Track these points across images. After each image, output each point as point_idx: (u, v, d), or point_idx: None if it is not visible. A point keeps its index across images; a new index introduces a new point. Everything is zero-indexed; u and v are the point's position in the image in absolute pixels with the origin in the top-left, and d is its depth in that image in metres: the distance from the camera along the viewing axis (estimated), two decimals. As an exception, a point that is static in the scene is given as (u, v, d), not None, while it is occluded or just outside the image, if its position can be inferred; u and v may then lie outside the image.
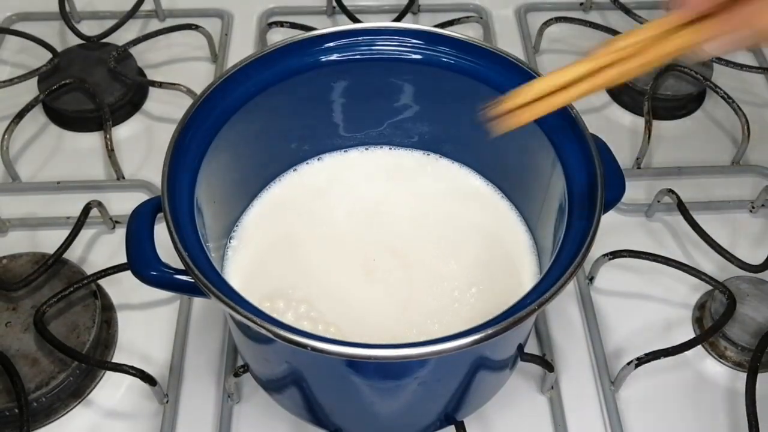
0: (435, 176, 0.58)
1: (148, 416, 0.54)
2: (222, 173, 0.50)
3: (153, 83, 0.73)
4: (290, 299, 0.50)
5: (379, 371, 0.43)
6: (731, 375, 0.57)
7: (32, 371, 0.53)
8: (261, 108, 0.50)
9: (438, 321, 0.49)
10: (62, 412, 0.54)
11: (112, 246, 0.63)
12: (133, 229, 0.45)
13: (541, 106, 0.39)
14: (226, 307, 0.39)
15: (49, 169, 0.69)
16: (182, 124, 0.46)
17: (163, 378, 0.55)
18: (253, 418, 0.54)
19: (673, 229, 0.65)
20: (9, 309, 0.57)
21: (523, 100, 0.39)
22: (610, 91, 0.76)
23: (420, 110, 0.56)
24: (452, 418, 0.50)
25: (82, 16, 0.82)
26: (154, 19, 0.82)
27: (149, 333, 0.58)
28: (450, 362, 0.43)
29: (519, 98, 0.39)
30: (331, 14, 0.83)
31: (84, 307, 0.57)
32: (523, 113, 0.39)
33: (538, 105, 0.39)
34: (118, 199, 0.66)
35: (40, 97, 0.70)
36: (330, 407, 0.49)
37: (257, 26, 0.82)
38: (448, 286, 0.51)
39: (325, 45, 0.51)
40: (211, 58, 0.78)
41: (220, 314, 0.59)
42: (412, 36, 0.51)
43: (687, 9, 0.30)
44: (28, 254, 0.60)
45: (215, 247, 0.50)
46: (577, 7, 0.84)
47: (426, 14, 0.82)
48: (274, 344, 0.40)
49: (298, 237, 0.54)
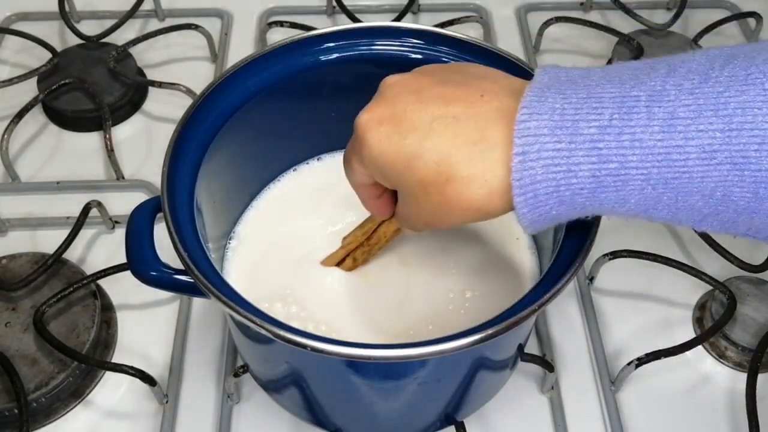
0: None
1: (148, 416, 0.54)
2: (222, 173, 0.50)
3: (153, 83, 0.73)
4: (289, 299, 0.50)
5: (379, 371, 0.43)
6: (731, 375, 0.57)
7: (32, 371, 0.53)
8: (261, 108, 0.50)
9: (437, 321, 0.49)
10: (62, 412, 0.54)
11: (111, 246, 0.63)
12: (132, 229, 0.45)
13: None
14: (225, 307, 0.39)
15: (49, 169, 0.69)
16: (182, 123, 0.46)
17: (162, 378, 0.55)
18: (253, 419, 0.54)
19: (674, 229, 0.65)
20: (8, 309, 0.56)
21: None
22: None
23: (420, 110, 0.55)
24: (452, 418, 0.50)
25: (81, 15, 0.82)
26: (154, 19, 0.82)
27: (149, 333, 0.58)
28: (450, 362, 0.43)
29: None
30: (331, 14, 0.83)
31: (84, 308, 0.57)
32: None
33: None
34: (117, 199, 0.66)
35: (40, 97, 0.70)
36: (330, 407, 0.49)
37: (257, 26, 0.81)
38: (447, 285, 0.51)
39: (324, 45, 0.51)
40: (211, 57, 0.78)
41: (219, 314, 0.59)
42: (413, 36, 0.51)
43: (379, 216, 0.46)
44: (27, 254, 0.60)
45: (215, 247, 0.49)
46: (577, 7, 0.83)
47: (426, 14, 0.82)
48: (274, 344, 0.40)
49: (298, 237, 0.54)
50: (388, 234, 0.49)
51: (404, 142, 0.37)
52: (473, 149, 0.35)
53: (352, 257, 0.51)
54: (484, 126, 0.35)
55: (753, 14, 0.80)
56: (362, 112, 0.39)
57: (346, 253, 0.51)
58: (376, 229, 0.49)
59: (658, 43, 0.77)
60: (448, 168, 0.36)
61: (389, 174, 0.39)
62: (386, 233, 0.49)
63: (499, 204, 0.36)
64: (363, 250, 0.50)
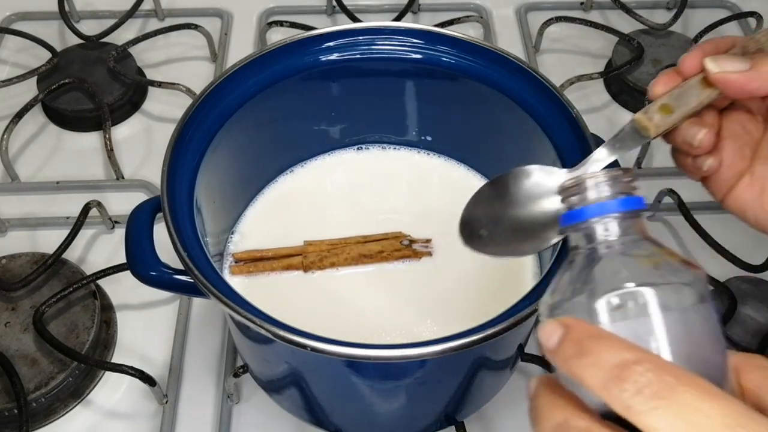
0: (434, 176, 0.57)
1: (148, 417, 0.54)
2: (221, 173, 0.50)
3: (152, 83, 0.73)
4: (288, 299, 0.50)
5: (379, 371, 0.43)
6: (732, 375, 0.57)
7: (31, 371, 0.53)
8: (261, 107, 0.50)
9: (437, 321, 0.49)
10: (61, 412, 0.54)
11: (111, 246, 0.63)
12: (132, 229, 0.45)
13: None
14: (225, 307, 0.39)
15: (49, 168, 0.69)
16: (182, 123, 0.46)
17: (162, 378, 0.55)
18: (253, 419, 0.54)
19: (674, 230, 0.65)
20: (8, 309, 0.56)
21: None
22: (610, 90, 0.76)
23: (420, 110, 0.55)
24: (452, 418, 0.50)
25: (81, 15, 0.81)
26: (154, 19, 0.82)
27: (149, 333, 0.58)
28: (450, 363, 0.43)
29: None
30: (331, 13, 0.83)
31: (83, 308, 0.57)
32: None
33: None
34: (117, 198, 0.66)
35: (40, 97, 0.70)
36: (330, 408, 0.49)
37: (257, 26, 0.81)
38: (448, 285, 0.51)
39: (324, 44, 0.51)
40: (211, 57, 0.78)
41: (219, 314, 0.59)
42: (413, 35, 0.51)
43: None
44: (27, 254, 0.60)
45: (214, 247, 0.49)
46: (577, 7, 0.83)
47: (426, 13, 0.82)
48: (274, 344, 0.40)
49: (297, 236, 0.54)
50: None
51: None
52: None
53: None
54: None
55: (753, 14, 0.80)
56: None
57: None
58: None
59: (658, 43, 0.77)
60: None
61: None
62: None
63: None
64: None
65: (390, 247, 0.52)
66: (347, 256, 0.52)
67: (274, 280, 0.52)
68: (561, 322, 0.27)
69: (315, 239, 0.53)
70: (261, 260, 0.52)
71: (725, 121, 0.40)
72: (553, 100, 0.48)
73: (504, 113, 0.50)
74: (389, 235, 0.53)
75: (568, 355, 0.26)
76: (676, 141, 0.39)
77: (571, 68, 0.75)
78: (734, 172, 0.40)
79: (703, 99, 0.38)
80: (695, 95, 0.38)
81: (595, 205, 0.30)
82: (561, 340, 0.26)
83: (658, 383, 0.23)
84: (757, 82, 0.36)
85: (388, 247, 0.52)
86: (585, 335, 0.26)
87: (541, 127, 0.48)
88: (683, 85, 0.38)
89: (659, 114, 0.38)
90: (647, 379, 0.23)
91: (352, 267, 0.52)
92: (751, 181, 0.40)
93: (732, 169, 0.40)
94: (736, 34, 0.82)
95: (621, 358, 0.24)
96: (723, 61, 0.37)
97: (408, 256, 0.52)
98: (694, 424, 0.22)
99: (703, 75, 0.38)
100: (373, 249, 0.52)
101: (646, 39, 0.77)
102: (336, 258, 0.52)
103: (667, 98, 0.38)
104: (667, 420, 0.22)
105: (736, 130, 0.40)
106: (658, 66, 0.75)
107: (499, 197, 0.37)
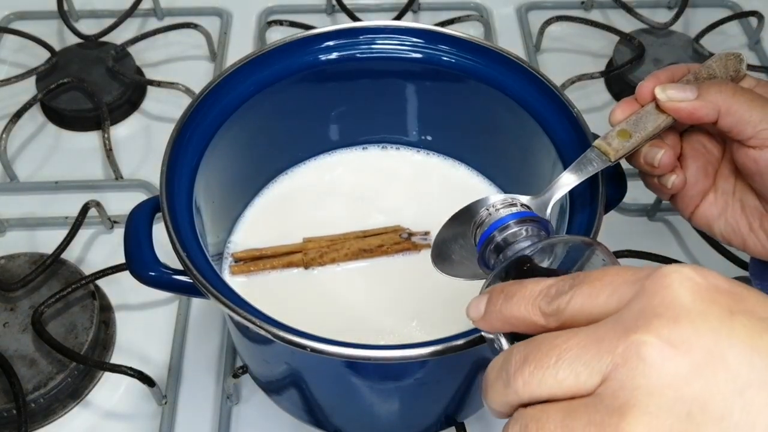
0: (434, 176, 0.57)
1: (147, 417, 0.54)
2: (221, 173, 0.49)
3: (151, 82, 0.73)
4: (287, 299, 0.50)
5: (379, 372, 0.43)
6: (733, 375, 0.56)
7: (30, 372, 0.53)
8: (260, 107, 0.50)
9: (436, 320, 0.49)
10: (60, 413, 0.54)
11: (110, 246, 0.63)
12: (131, 229, 0.45)
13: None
14: (224, 307, 0.39)
15: (47, 168, 0.69)
16: (181, 123, 0.46)
17: (161, 379, 0.55)
18: (252, 420, 0.54)
19: (675, 230, 0.65)
20: (7, 309, 0.56)
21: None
22: (610, 90, 0.76)
23: (420, 109, 0.55)
24: (453, 419, 0.50)
25: (80, 15, 0.81)
26: (153, 18, 0.82)
27: (148, 334, 0.58)
28: (450, 363, 0.43)
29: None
30: (330, 13, 0.82)
31: (82, 308, 0.56)
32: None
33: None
34: (116, 198, 0.66)
35: (38, 97, 0.70)
36: (329, 408, 0.48)
37: (256, 25, 0.81)
38: (448, 286, 0.51)
39: (324, 44, 0.51)
40: (210, 57, 0.78)
41: (218, 315, 0.59)
42: (413, 34, 0.51)
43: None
44: (26, 254, 0.59)
45: (214, 246, 0.49)
46: (578, 6, 0.83)
47: (426, 12, 0.82)
48: (274, 345, 0.40)
49: (297, 236, 0.54)
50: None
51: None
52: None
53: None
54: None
55: (754, 13, 0.80)
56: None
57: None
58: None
59: (659, 42, 0.77)
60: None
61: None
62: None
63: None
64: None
65: (389, 240, 0.52)
66: (347, 251, 0.52)
67: (274, 280, 0.52)
68: (481, 294, 0.31)
69: (314, 239, 0.53)
70: (261, 259, 0.52)
71: (686, 142, 0.43)
72: (553, 100, 0.47)
73: (504, 113, 0.50)
74: (388, 229, 0.53)
75: (499, 306, 0.30)
76: (638, 163, 0.42)
77: (571, 67, 0.75)
78: (699, 189, 0.42)
79: (659, 124, 0.40)
80: (651, 121, 0.40)
81: (493, 222, 0.36)
82: (488, 302, 0.30)
83: (578, 287, 0.27)
84: (704, 110, 0.39)
85: (387, 241, 0.52)
86: (506, 285, 0.30)
87: (541, 126, 0.47)
88: (640, 111, 0.41)
89: (618, 139, 0.40)
90: (569, 285, 0.28)
91: (353, 262, 0.52)
92: (715, 198, 0.43)
93: (696, 187, 0.42)
94: (737, 33, 0.82)
95: (544, 284, 0.29)
96: (671, 90, 0.40)
97: (407, 249, 0.52)
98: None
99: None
100: (372, 243, 0.52)
101: (647, 38, 0.77)
102: (336, 253, 0.52)
103: (625, 124, 0.41)
104: (582, 297, 0.27)
105: (698, 149, 0.42)
106: (659, 65, 0.75)
107: (464, 224, 0.39)
